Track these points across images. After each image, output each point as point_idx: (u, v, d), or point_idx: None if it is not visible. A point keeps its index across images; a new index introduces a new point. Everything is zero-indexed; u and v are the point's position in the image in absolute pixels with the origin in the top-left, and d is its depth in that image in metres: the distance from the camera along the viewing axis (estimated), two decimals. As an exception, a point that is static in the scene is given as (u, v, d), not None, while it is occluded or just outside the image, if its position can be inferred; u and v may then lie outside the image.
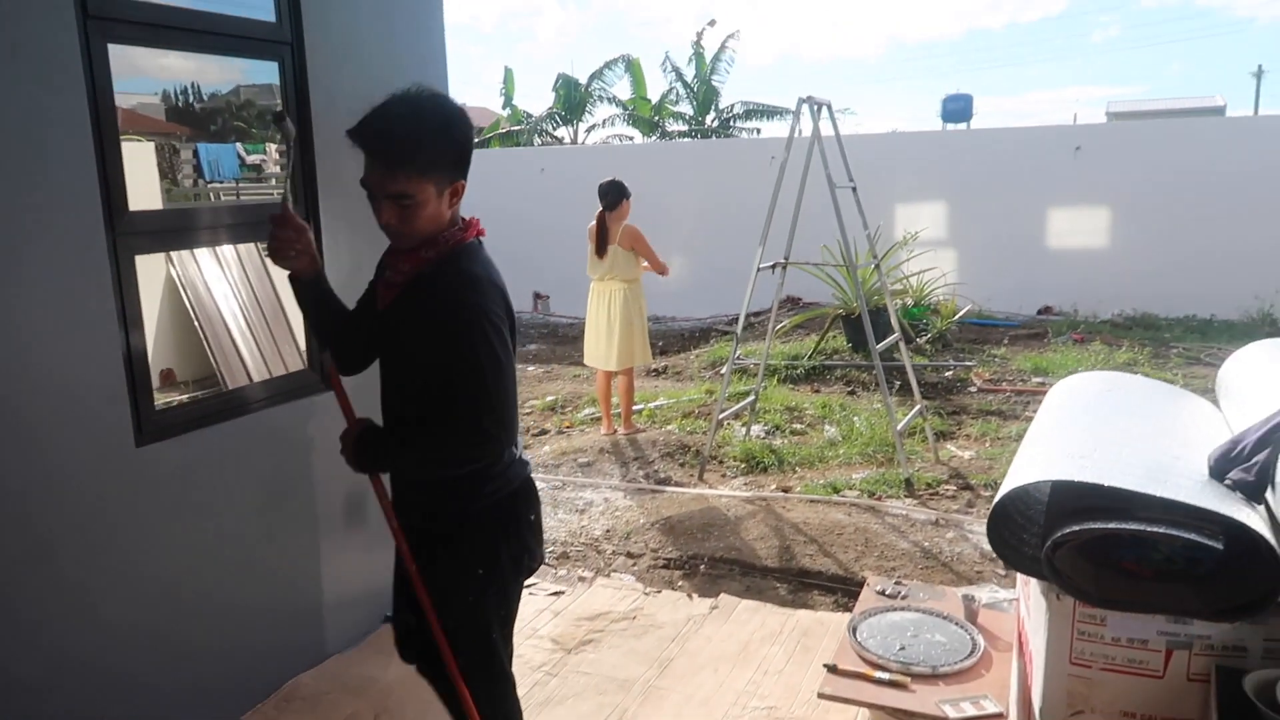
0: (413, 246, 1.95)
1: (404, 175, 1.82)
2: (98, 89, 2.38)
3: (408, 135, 1.82)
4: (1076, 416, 2.53)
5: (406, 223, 1.88)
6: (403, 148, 1.81)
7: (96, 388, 2.44)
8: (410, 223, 1.88)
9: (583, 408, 7.61)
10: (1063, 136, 11.01)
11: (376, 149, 1.83)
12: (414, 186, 1.83)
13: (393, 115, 1.83)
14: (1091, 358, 8.28)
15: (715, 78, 20.17)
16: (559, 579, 4.06)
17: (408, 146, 1.81)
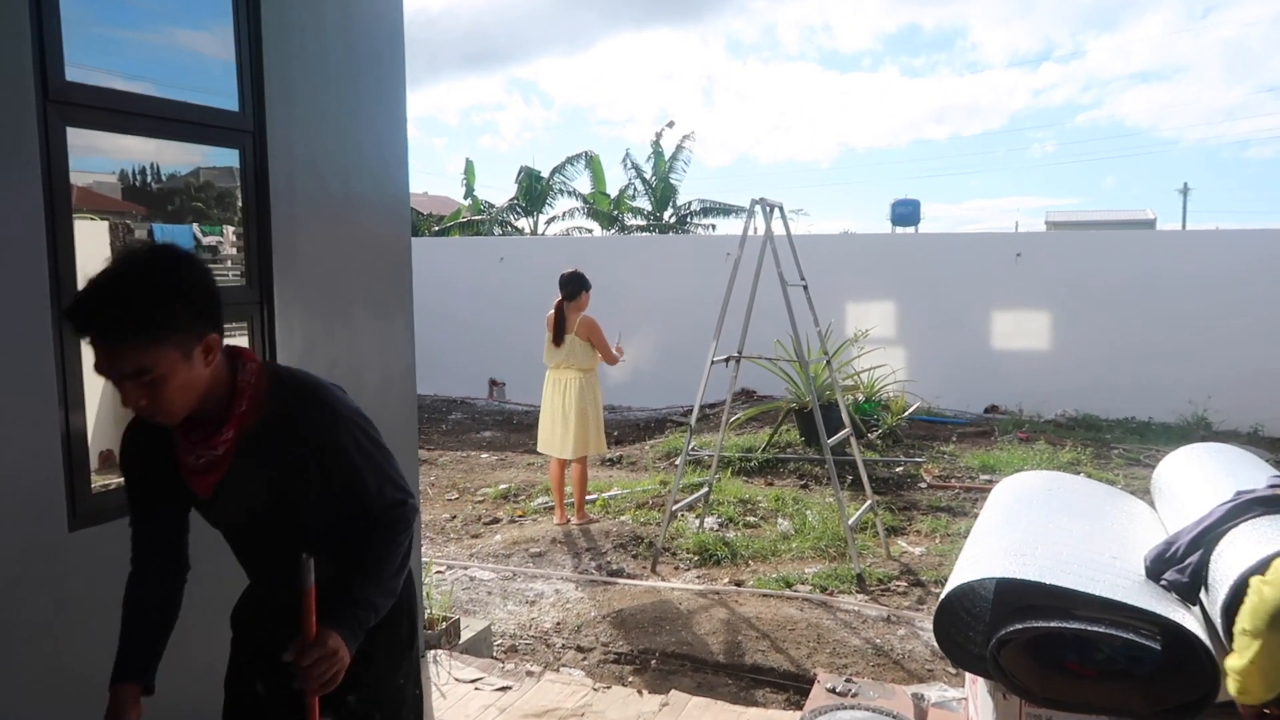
0: (204, 419, 1.74)
1: (131, 350, 1.57)
2: (53, 169, 2.39)
3: (124, 306, 1.56)
4: (1019, 515, 2.58)
5: (159, 399, 1.63)
6: (120, 322, 1.56)
7: (30, 469, 2.37)
8: (163, 399, 1.63)
9: (536, 496, 7.53)
10: (1005, 243, 11.44)
11: (92, 330, 1.57)
12: (149, 359, 1.58)
13: (104, 289, 1.58)
14: (1036, 456, 8.42)
15: (673, 175, 20.72)
16: (506, 673, 3.95)
17: (126, 319, 1.56)
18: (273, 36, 3.02)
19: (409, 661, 2.06)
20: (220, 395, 1.74)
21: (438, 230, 20.26)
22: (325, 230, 3.32)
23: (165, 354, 1.60)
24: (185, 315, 1.63)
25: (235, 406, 1.75)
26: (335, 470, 1.81)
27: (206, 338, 1.67)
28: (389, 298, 3.71)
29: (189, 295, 1.64)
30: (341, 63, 3.35)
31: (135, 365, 1.59)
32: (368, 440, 1.86)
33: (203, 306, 1.66)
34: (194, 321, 1.64)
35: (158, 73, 2.94)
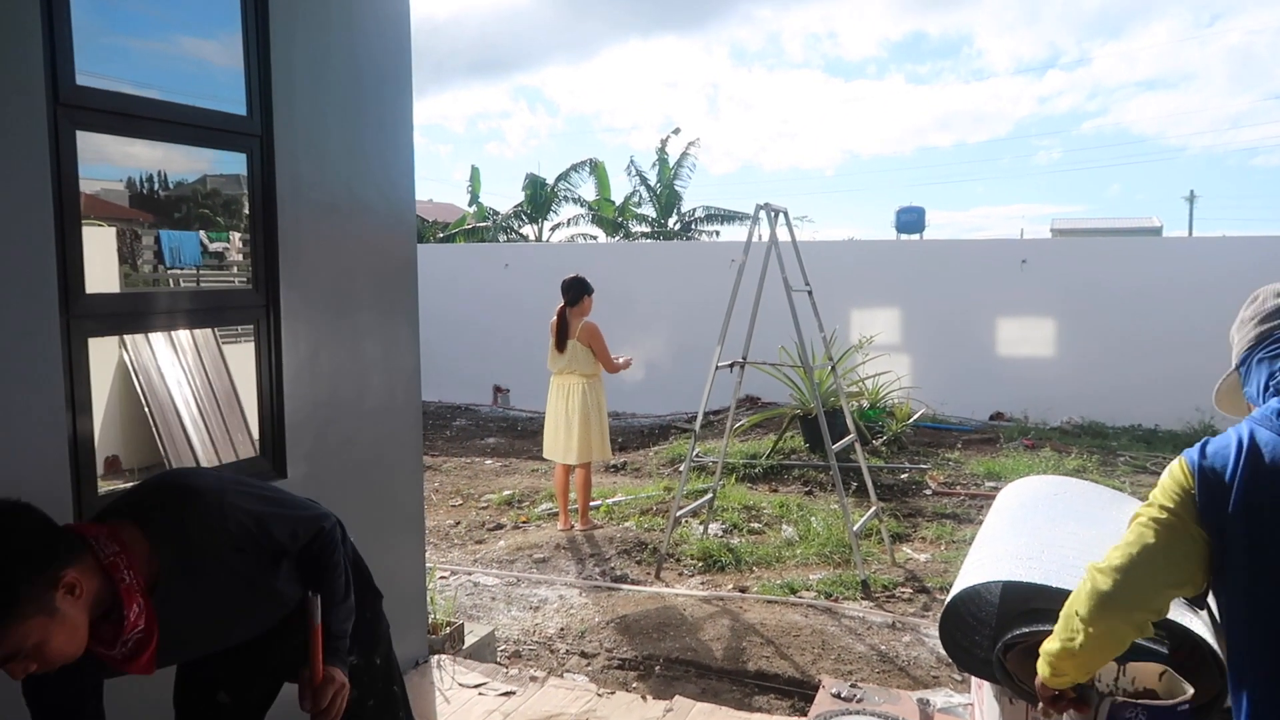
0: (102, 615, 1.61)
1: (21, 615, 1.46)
2: (63, 174, 2.40)
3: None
4: (1025, 519, 2.57)
5: (50, 658, 1.52)
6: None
7: (37, 472, 2.38)
8: (53, 655, 1.52)
9: (540, 502, 7.53)
10: (1010, 250, 11.43)
11: None
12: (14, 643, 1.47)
13: None
14: (1042, 463, 8.40)
15: (678, 182, 20.76)
16: (510, 678, 3.95)
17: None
18: (280, 42, 3.03)
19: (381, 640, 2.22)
20: (101, 590, 1.59)
21: (443, 237, 20.31)
22: (331, 235, 3.33)
23: (29, 629, 1.47)
24: (25, 589, 1.46)
25: (120, 584, 1.60)
26: (248, 543, 1.81)
27: (62, 582, 1.51)
28: (394, 303, 3.72)
29: (20, 569, 1.47)
30: (348, 68, 3.37)
31: (4, 655, 1.47)
32: (255, 501, 1.85)
33: (40, 563, 1.49)
34: (39, 586, 1.48)
35: (165, 79, 2.97)
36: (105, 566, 1.60)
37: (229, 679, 2.11)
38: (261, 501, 1.88)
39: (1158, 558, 1.49)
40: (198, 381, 7.08)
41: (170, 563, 1.70)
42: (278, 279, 3.09)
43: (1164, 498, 1.53)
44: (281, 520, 1.88)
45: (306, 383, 3.22)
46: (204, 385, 7.09)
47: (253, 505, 1.84)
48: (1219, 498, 1.44)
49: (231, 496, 1.81)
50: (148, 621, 1.66)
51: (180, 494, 1.78)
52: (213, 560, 1.77)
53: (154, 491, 1.80)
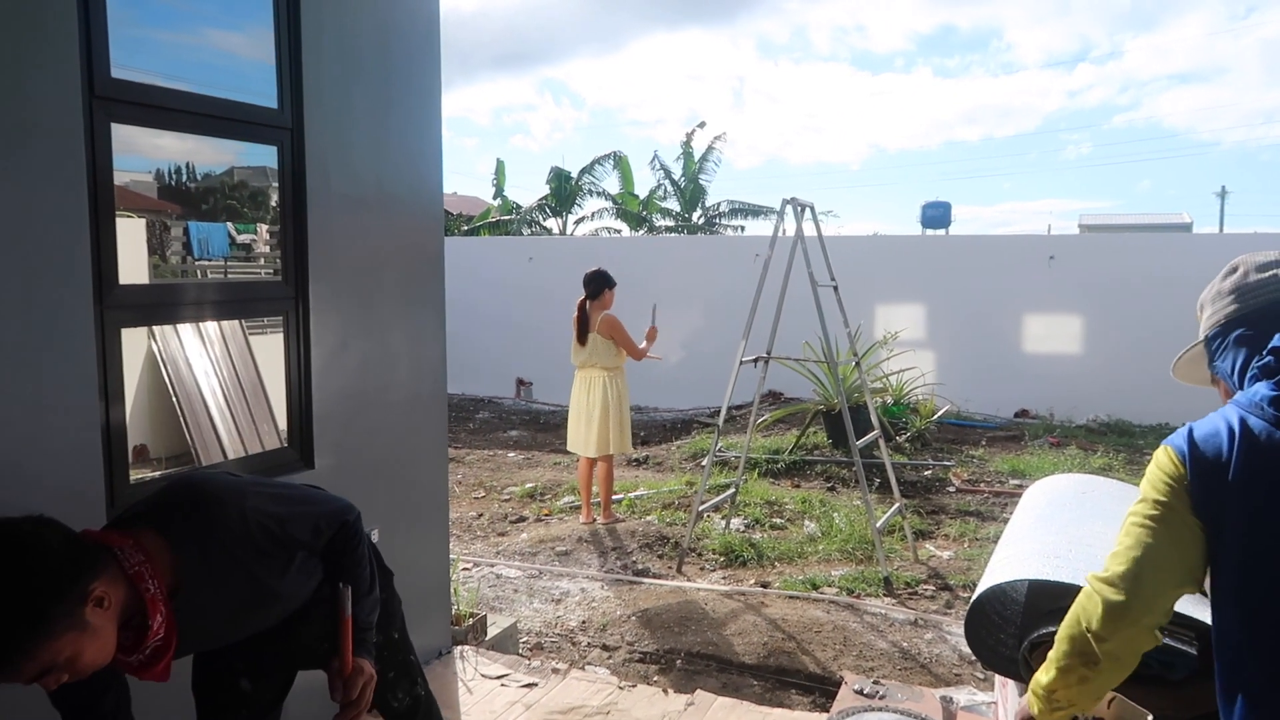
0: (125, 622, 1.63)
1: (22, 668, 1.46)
2: (98, 165, 2.43)
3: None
4: (1052, 517, 2.55)
5: (82, 669, 1.54)
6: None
7: (72, 459, 2.42)
8: (85, 666, 1.54)
9: (562, 495, 7.56)
10: (1037, 246, 11.31)
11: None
12: (47, 659, 1.48)
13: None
14: (1068, 461, 8.33)
15: (703, 176, 20.71)
16: (532, 670, 3.97)
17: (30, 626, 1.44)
18: (311, 35, 3.05)
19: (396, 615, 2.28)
20: (127, 600, 1.61)
21: (467, 230, 20.38)
22: (359, 227, 3.35)
23: (61, 646, 1.48)
24: (56, 608, 1.47)
25: (145, 593, 1.62)
26: (270, 545, 1.82)
27: (91, 596, 1.52)
28: (421, 295, 3.74)
29: (48, 589, 1.46)
30: (378, 61, 3.39)
31: (38, 670, 1.48)
32: (274, 503, 1.85)
33: (68, 581, 1.49)
34: (68, 604, 1.49)
35: (197, 71, 3.00)
36: (130, 577, 1.61)
37: (248, 667, 2.14)
38: (282, 501, 1.88)
39: (1163, 557, 1.43)
40: (224, 372, 7.16)
41: (192, 569, 1.71)
42: (307, 271, 3.12)
43: (1156, 492, 1.47)
44: (303, 518, 1.89)
45: (334, 374, 3.25)
46: (230, 376, 7.17)
47: (274, 506, 1.84)
48: (1214, 487, 1.39)
49: (252, 499, 1.81)
50: (167, 630, 1.67)
51: (201, 499, 1.77)
52: (234, 565, 1.77)
53: (175, 497, 1.78)
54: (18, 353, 2.27)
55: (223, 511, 1.76)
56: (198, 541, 1.72)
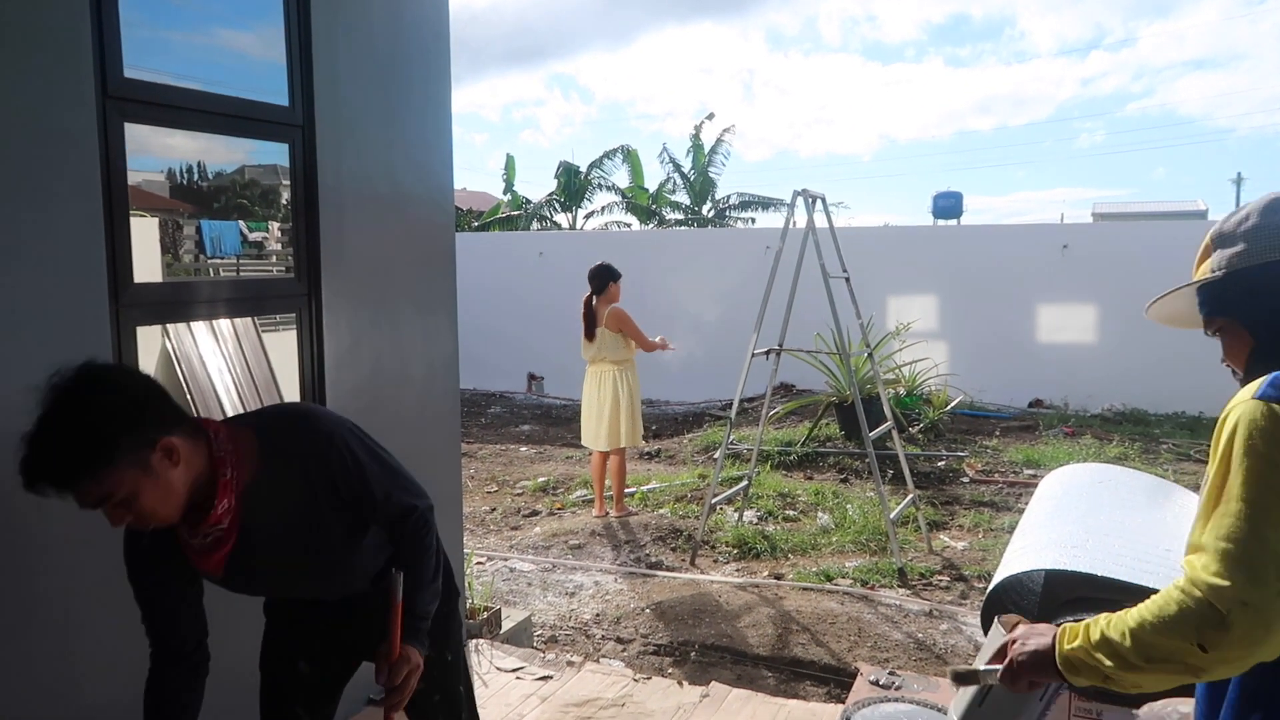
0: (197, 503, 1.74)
1: (87, 488, 1.58)
2: (111, 165, 2.45)
3: (56, 459, 1.56)
4: (1069, 507, 2.54)
5: (142, 514, 1.65)
6: (59, 475, 1.56)
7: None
8: (145, 512, 1.65)
9: (575, 489, 7.57)
10: (1050, 235, 11.25)
11: (43, 487, 1.57)
12: (107, 488, 1.59)
13: (37, 446, 1.56)
14: (1083, 451, 8.29)
15: (712, 169, 20.68)
16: (547, 663, 3.99)
17: (63, 470, 1.56)
18: (322, 32, 3.06)
19: (452, 636, 2.21)
20: (203, 476, 1.73)
21: (477, 226, 20.40)
22: (372, 224, 3.36)
23: (122, 477, 1.59)
24: (122, 441, 1.59)
25: (220, 477, 1.74)
26: (343, 484, 1.86)
27: (159, 444, 1.63)
28: (433, 291, 3.75)
29: (118, 422, 1.59)
30: (388, 59, 3.39)
31: (99, 496, 1.59)
32: (364, 451, 1.90)
33: (138, 422, 1.61)
34: (134, 441, 1.60)
35: (209, 70, 3.01)
36: (214, 459, 1.74)
37: (309, 649, 2.16)
38: (370, 455, 1.91)
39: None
40: (238, 369, 7.19)
41: (269, 473, 1.81)
42: (319, 268, 3.13)
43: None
44: (380, 480, 1.90)
45: (347, 370, 3.26)
46: (244, 373, 7.20)
47: (362, 454, 1.89)
48: None
49: (345, 436, 1.88)
50: (230, 522, 1.77)
51: (300, 418, 1.92)
52: (305, 486, 1.84)
53: (283, 411, 1.94)
54: (35, 352, 2.28)
55: (316, 433, 1.86)
56: (284, 454, 1.82)
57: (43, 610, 2.36)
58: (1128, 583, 1.98)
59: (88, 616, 2.45)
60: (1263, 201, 1.43)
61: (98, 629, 2.47)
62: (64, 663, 2.41)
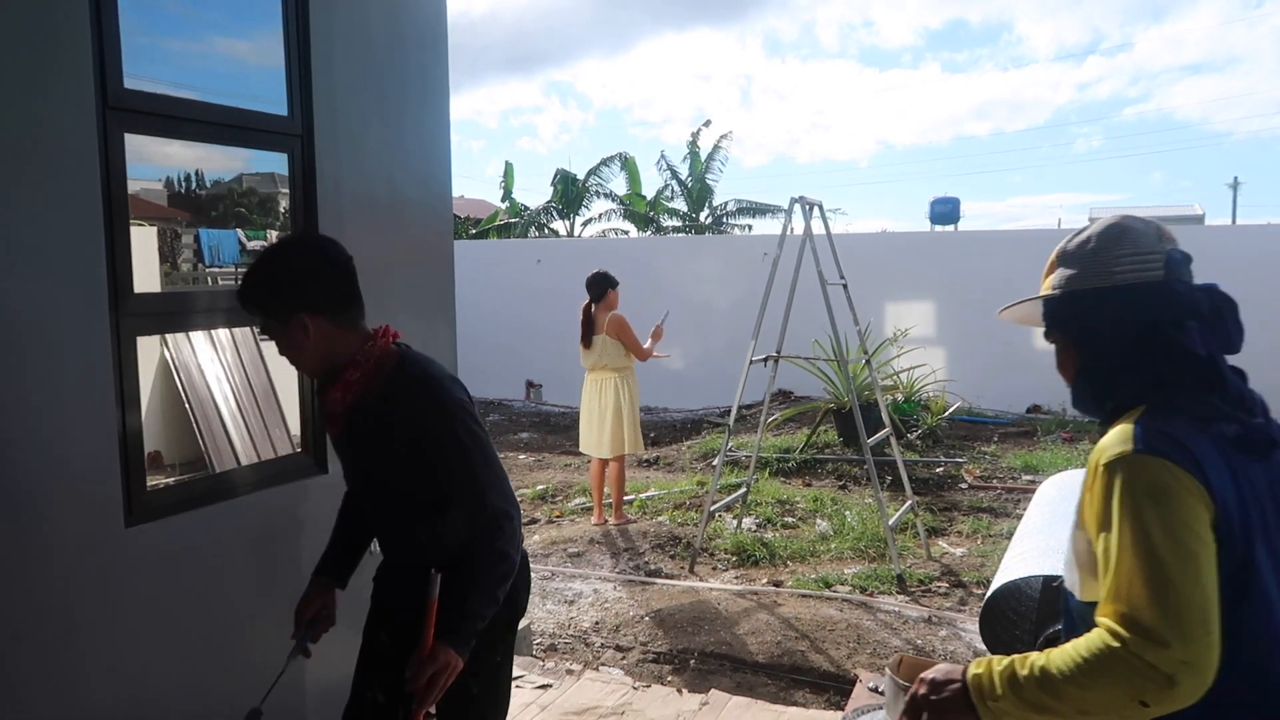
0: (327, 375, 2.10)
1: (251, 313, 2.09)
2: (112, 175, 2.45)
3: (245, 282, 2.08)
4: (1067, 513, 2.55)
5: (287, 352, 2.10)
6: (242, 293, 2.08)
7: (89, 466, 2.44)
8: (289, 352, 2.09)
9: (573, 497, 7.57)
10: (1048, 240, 11.03)
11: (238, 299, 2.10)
12: (263, 324, 2.09)
13: (244, 275, 2.09)
14: (1081, 456, 8.30)
15: (709, 176, 20.71)
16: (546, 671, 3.98)
17: (244, 291, 2.07)
18: (320, 42, 3.07)
19: (506, 643, 2.24)
20: (340, 360, 2.06)
21: (475, 233, 20.43)
22: (370, 232, 3.37)
23: (268, 322, 2.07)
24: (273, 300, 2.04)
25: (346, 374, 2.05)
26: (430, 455, 1.99)
27: (299, 318, 2.01)
28: (432, 299, 3.75)
29: (278, 287, 2.04)
30: (386, 67, 3.40)
31: (260, 325, 2.11)
32: (470, 438, 2.01)
33: (284, 295, 2.03)
34: (281, 305, 2.03)
35: (208, 80, 3.02)
36: (354, 355, 2.06)
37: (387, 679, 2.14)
38: (476, 444, 2.01)
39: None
40: (236, 379, 7.19)
41: (375, 403, 2.04)
42: (318, 276, 3.13)
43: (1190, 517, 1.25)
44: (473, 472, 1.99)
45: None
46: (243, 382, 7.20)
47: (465, 437, 2.00)
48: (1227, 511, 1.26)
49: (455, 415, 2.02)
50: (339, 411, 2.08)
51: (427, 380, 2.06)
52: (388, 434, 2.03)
53: (425, 367, 2.09)
54: (35, 361, 2.29)
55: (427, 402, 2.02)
56: (393, 399, 2.03)
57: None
58: (1125, 588, 1.98)
59: (93, 662, 2.45)
60: (1103, 225, 1.50)
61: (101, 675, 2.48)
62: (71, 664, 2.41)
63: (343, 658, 2.43)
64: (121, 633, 2.54)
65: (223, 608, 2.85)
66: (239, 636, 2.92)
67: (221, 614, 2.84)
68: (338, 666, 2.49)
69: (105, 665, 2.50)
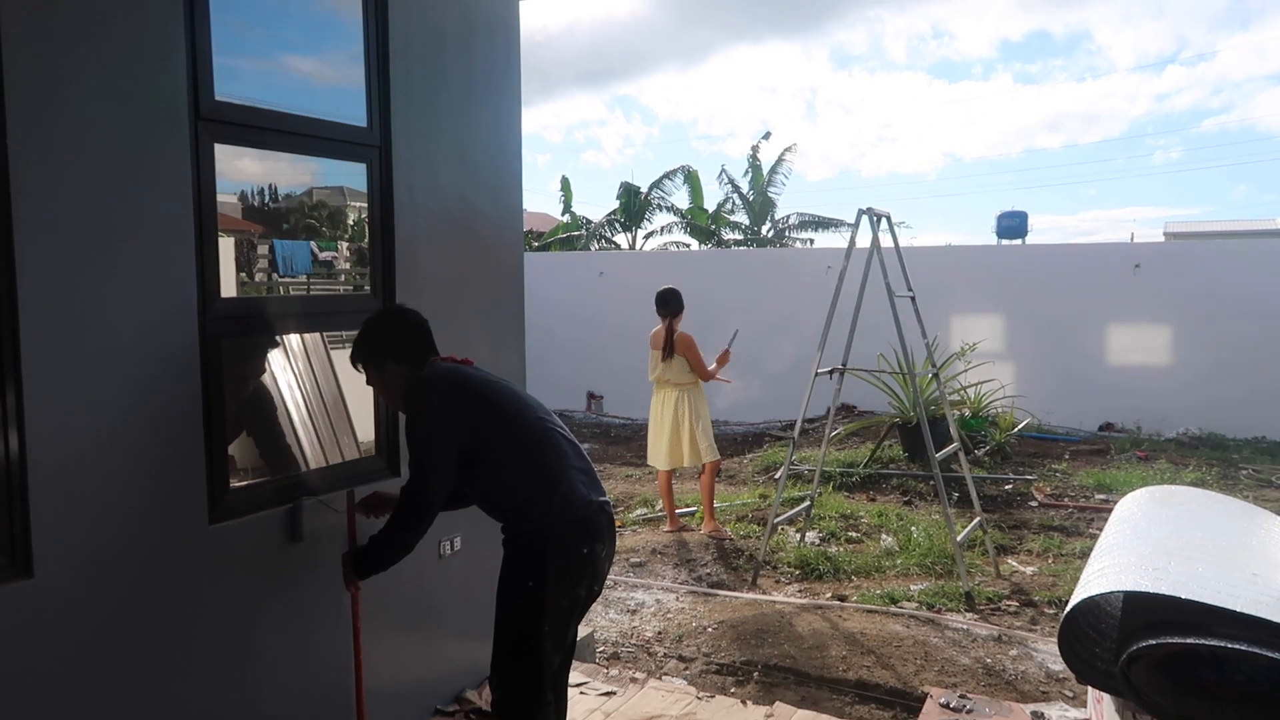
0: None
1: (357, 367, 2.90)
2: (202, 183, 2.55)
3: (353, 344, 2.90)
4: (1149, 529, 2.48)
5: (384, 394, 2.94)
6: (351, 353, 2.89)
7: (177, 467, 2.52)
8: (385, 394, 2.91)
9: (634, 507, 7.58)
10: (1121, 254, 10.98)
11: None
12: (362, 373, 2.87)
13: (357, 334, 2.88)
14: (1157, 475, 8.05)
15: (771, 189, 20.63)
16: (611, 679, 3.99)
17: (352, 351, 2.89)
18: (398, 56, 3.16)
19: (526, 597, 2.64)
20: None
21: (538, 246, 20.64)
22: (444, 242, 3.44)
23: (366, 373, 2.86)
24: (366, 355, 2.81)
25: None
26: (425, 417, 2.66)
27: (386, 368, 2.77)
28: (502, 308, 3.81)
29: (365, 346, 2.81)
30: (460, 80, 3.48)
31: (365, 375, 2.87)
32: (419, 425, 2.64)
33: (375, 352, 2.79)
34: (372, 357, 2.80)
35: (290, 94, 3.11)
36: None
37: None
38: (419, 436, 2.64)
39: None
40: (307, 386, 7.37)
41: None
42: (394, 284, 3.21)
43: None
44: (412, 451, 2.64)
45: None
46: (313, 389, 7.37)
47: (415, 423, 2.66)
48: None
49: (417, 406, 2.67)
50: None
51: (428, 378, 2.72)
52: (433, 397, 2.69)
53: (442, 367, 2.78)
54: (129, 365, 2.39)
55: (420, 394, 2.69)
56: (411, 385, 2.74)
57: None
58: (1212, 605, 1.92)
59: (183, 652, 2.53)
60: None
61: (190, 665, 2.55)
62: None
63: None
64: (207, 624, 2.62)
65: (300, 602, 2.92)
66: (309, 633, 2.98)
67: (299, 607, 2.91)
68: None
69: (193, 649, 2.58)
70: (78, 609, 2.28)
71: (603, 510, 2.74)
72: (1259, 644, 1.87)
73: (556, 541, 2.62)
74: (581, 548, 2.65)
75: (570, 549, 2.64)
